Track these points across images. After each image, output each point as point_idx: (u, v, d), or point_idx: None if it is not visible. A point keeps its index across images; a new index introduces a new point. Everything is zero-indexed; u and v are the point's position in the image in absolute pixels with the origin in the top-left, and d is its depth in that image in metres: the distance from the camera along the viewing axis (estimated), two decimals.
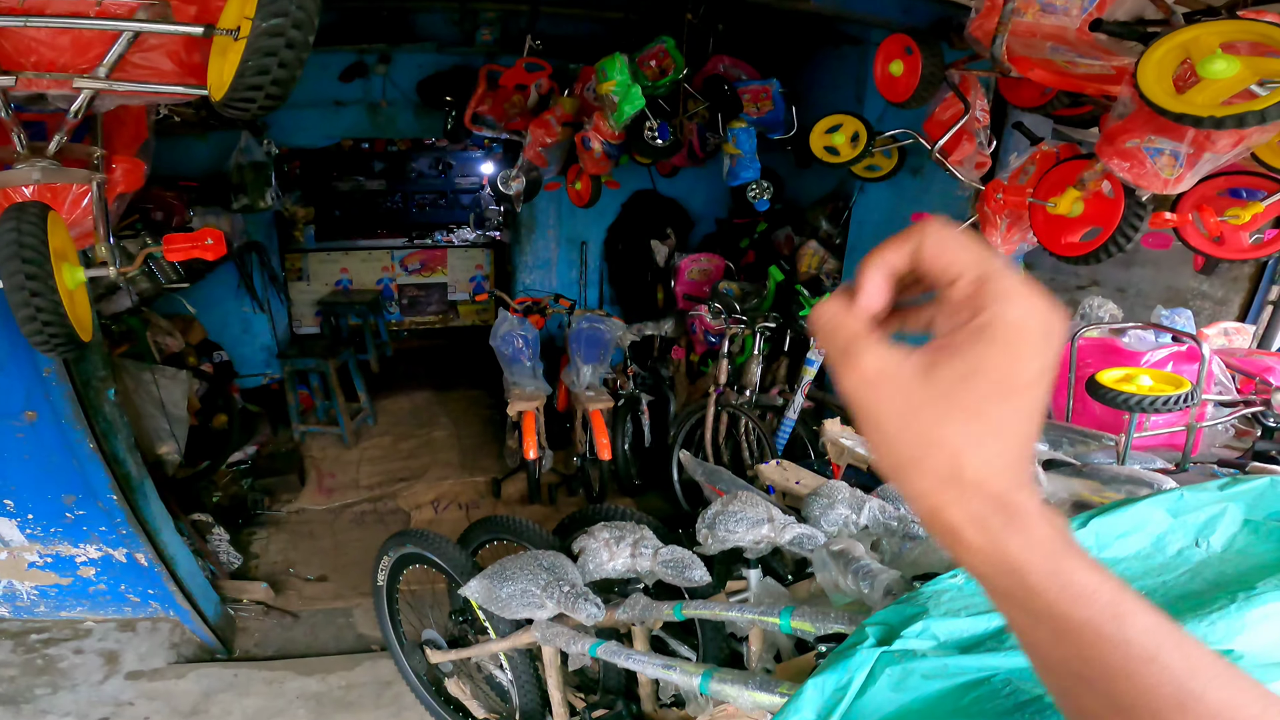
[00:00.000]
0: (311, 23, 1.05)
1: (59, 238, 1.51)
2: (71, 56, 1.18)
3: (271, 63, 1.04)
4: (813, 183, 4.60)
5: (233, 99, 1.10)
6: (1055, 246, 2.05)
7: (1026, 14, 1.83)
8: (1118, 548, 1.08)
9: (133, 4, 1.12)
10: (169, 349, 4.23)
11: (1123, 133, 1.67)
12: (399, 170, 7.37)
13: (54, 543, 2.73)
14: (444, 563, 2.10)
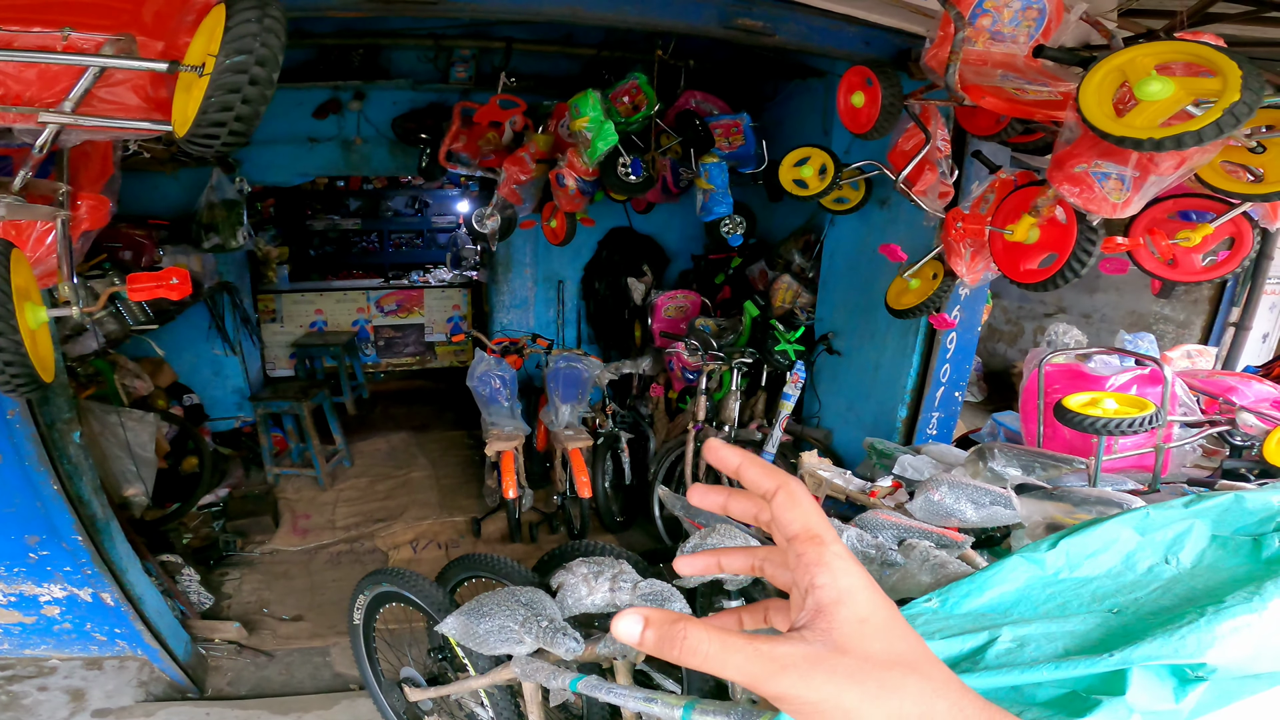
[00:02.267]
0: (276, 59, 1.06)
1: (22, 276, 1.48)
2: (38, 90, 1.17)
3: (235, 99, 1.05)
4: (785, 217, 4.69)
5: (196, 135, 1.10)
6: (1015, 274, 2.10)
7: (978, 42, 1.89)
8: (1088, 566, 1.08)
9: (99, 40, 1.13)
10: (137, 392, 4.15)
11: (1070, 158, 1.73)
12: (374, 209, 7.39)
13: (17, 582, 2.67)
14: (421, 600, 2.05)
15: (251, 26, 1.04)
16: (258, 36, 1.05)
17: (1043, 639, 0.84)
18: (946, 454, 2.64)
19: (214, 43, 1.06)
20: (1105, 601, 0.94)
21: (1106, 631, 0.83)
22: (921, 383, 3.51)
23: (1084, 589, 0.99)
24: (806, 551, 0.42)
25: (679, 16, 2.19)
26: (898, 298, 3.06)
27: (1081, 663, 0.71)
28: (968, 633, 0.92)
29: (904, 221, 3.42)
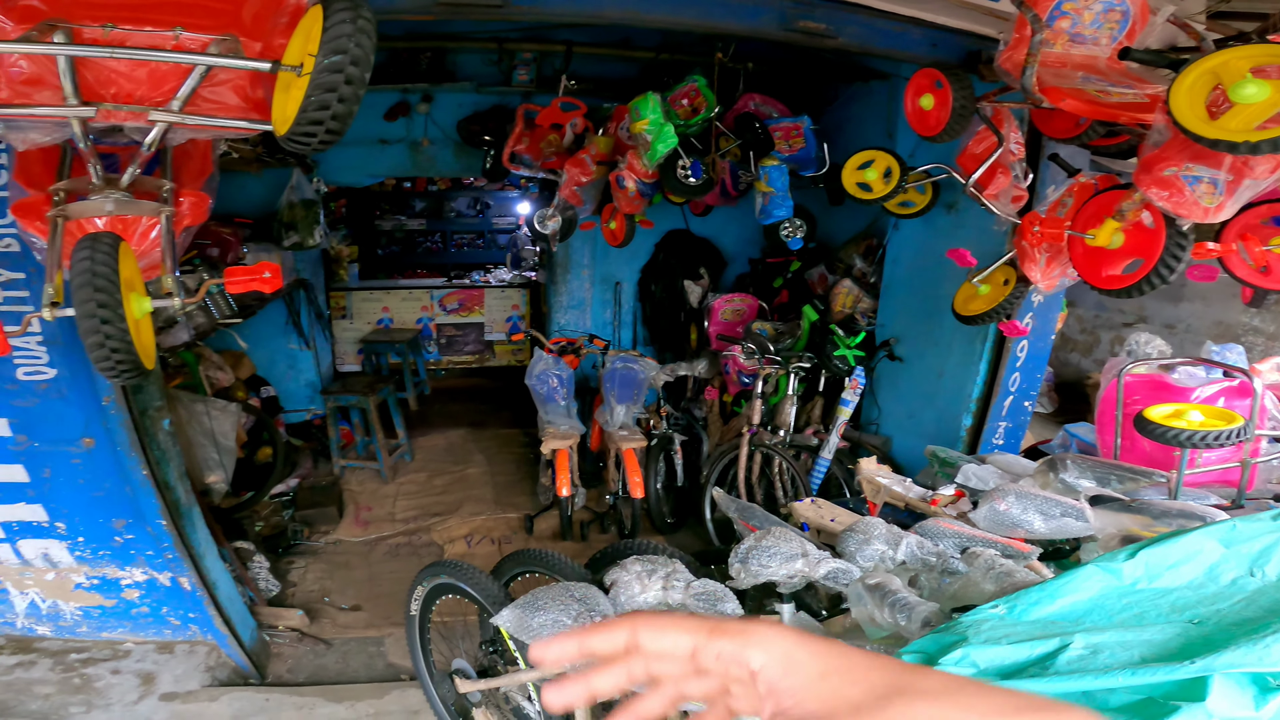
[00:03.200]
0: (368, 59, 1.12)
1: (129, 268, 1.59)
2: (148, 89, 1.26)
3: (332, 98, 1.11)
4: (846, 220, 4.62)
5: (296, 133, 1.17)
6: (1095, 279, 2.02)
7: (1056, 45, 1.83)
8: (1168, 578, 1.04)
9: (206, 39, 1.21)
10: (219, 383, 4.38)
11: (1160, 161, 1.65)
12: (438, 210, 7.62)
13: (101, 565, 2.80)
14: (477, 593, 2.10)
15: (347, 28, 1.11)
16: (352, 37, 1.11)
17: (1117, 647, 0.82)
18: (1013, 464, 2.55)
19: (311, 43, 1.12)
20: (1186, 612, 0.91)
21: (1186, 641, 0.80)
22: (988, 391, 3.40)
23: (1163, 600, 0.96)
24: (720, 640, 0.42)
25: (738, 19, 2.19)
26: (965, 304, 2.97)
27: (1160, 669, 0.69)
28: (1036, 639, 0.90)
29: (972, 226, 3.32)
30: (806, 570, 1.66)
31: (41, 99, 1.22)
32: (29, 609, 2.88)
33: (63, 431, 2.52)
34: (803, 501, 2.52)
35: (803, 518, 2.41)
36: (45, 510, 2.65)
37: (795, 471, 3.59)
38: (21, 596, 2.85)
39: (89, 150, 1.45)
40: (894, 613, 1.26)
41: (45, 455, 2.55)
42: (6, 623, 2.91)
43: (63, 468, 2.58)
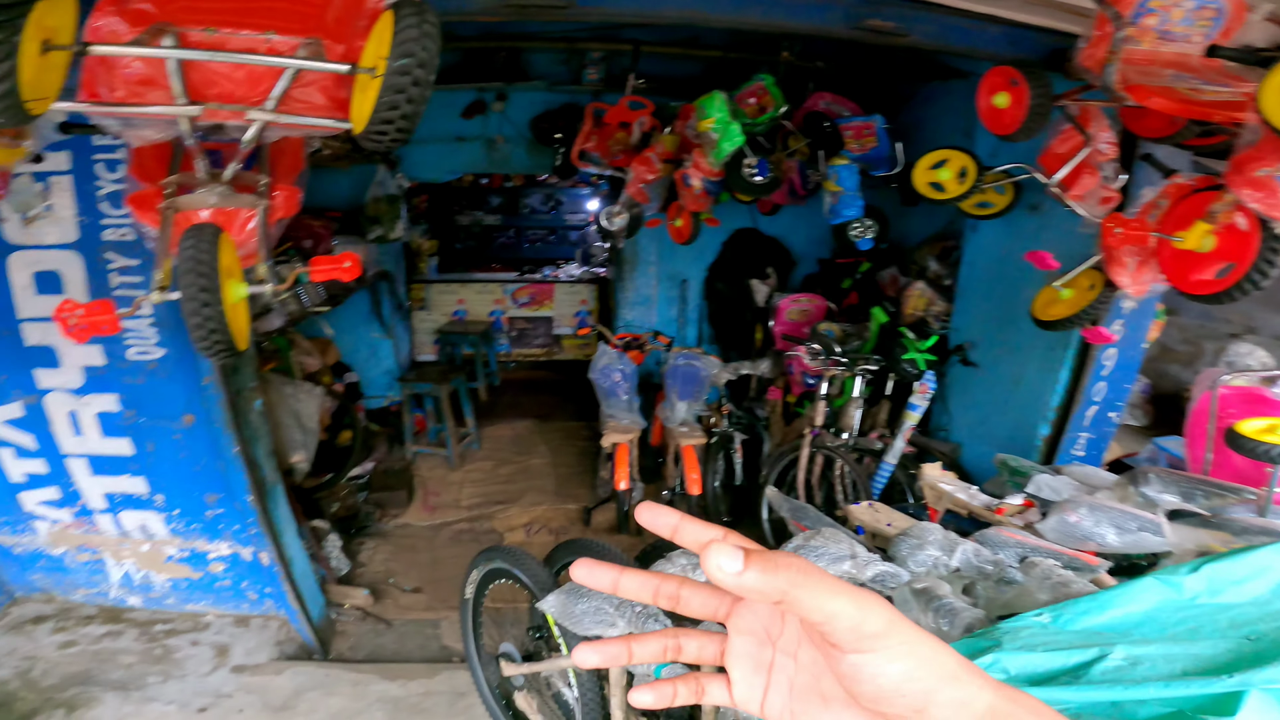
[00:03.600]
0: (433, 62, 1.19)
1: (228, 256, 1.73)
2: (246, 90, 1.38)
3: (401, 99, 1.19)
4: (921, 221, 4.48)
5: (370, 131, 1.26)
6: (1184, 284, 1.89)
7: (1143, 42, 1.74)
8: (1231, 593, 0.99)
9: (295, 42, 1.32)
10: (308, 368, 4.67)
11: (1252, 161, 1.54)
12: (513, 206, 7.82)
13: (192, 538, 2.99)
14: (528, 579, 2.17)
15: (413, 32, 1.18)
16: (418, 41, 1.18)
17: (1160, 659, 0.79)
18: (1091, 476, 2.43)
19: (383, 47, 1.21)
20: (1244, 628, 0.86)
21: (1236, 656, 0.76)
22: (1069, 400, 3.23)
23: (1222, 615, 0.91)
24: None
25: (803, 18, 2.16)
26: (1045, 308, 2.84)
27: (1195, 683, 0.66)
28: (1076, 648, 0.87)
29: (1057, 228, 3.16)
30: (854, 572, 1.64)
31: (153, 99, 1.36)
32: (123, 580, 3.10)
33: (166, 408, 2.73)
34: (859, 505, 2.47)
35: (858, 521, 2.37)
36: (147, 483, 2.87)
37: (857, 475, 3.51)
38: (118, 567, 3.07)
39: (195, 147, 1.59)
40: (937, 618, 1.24)
41: (150, 430, 2.78)
42: (100, 593, 3.13)
43: (165, 442, 2.80)
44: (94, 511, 2.93)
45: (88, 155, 2.38)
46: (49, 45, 1.08)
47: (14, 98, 1.02)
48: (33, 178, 2.35)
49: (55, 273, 2.53)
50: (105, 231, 2.48)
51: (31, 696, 2.57)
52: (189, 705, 2.62)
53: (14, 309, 2.56)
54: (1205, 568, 1.04)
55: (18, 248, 2.48)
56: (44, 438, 2.78)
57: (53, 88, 1.16)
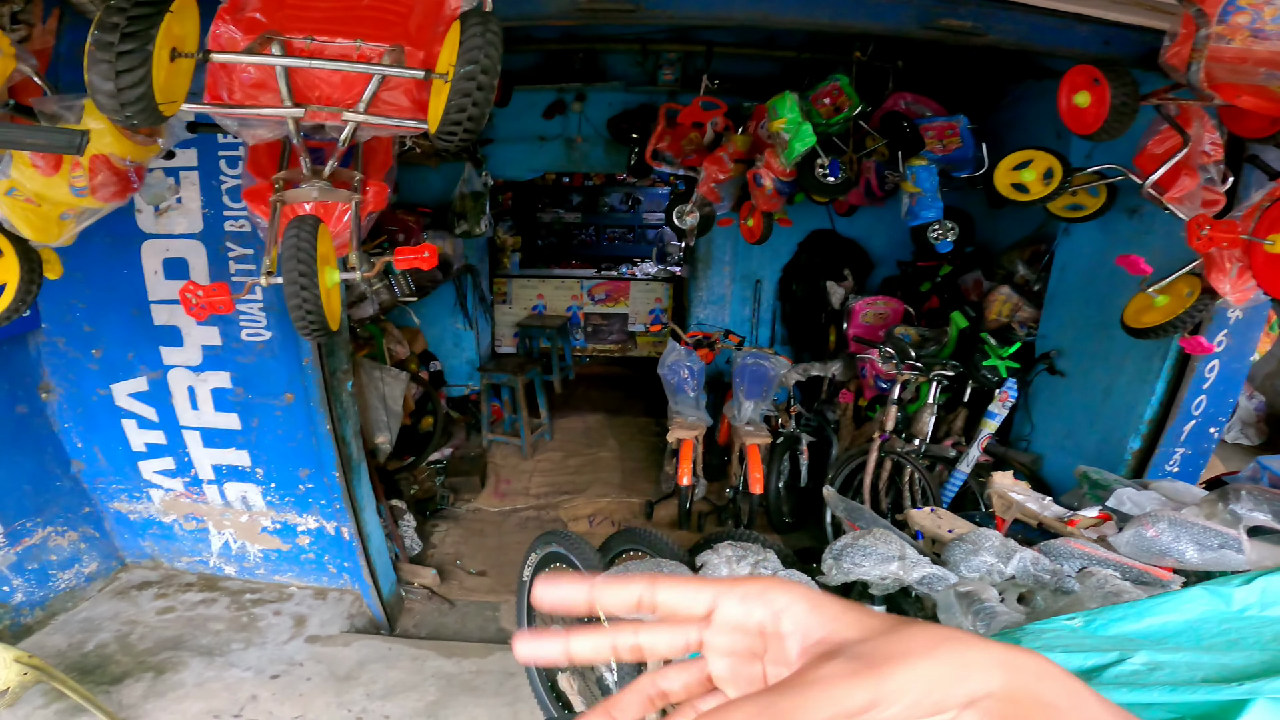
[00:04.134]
0: (496, 68, 1.29)
1: (325, 245, 1.91)
2: (341, 93, 1.53)
3: (467, 102, 1.29)
4: (1010, 224, 4.29)
5: (441, 132, 1.37)
6: (1276, 291, 1.76)
7: (1234, 40, 1.63)
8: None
9: (381, 49, 1.45)
10: (397, 355, 4.96)
11: None
12: (593, 204, 8.01)
13: (285, 511, 3.22)
14: (581, 564, 2.26)
15: (478, 40, 1.28)
16: (482, 49, 1.28)
17: (1183, 666, 0.77)
18: (1181, 492, 2.29)
19: (453, 53, 1.31)
20: None
21: (1266, 667, 0.74)
22: (1164, 414, 3.03)
23: (1268, 628, 0.88)
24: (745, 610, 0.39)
25: (874, 18, 2.13)
26: (1138, 315, 2.69)
27: (1201, 689, 0.65)
28: (1098, 651, 0.86)
29: (1158, 232, 2.98)
30: (901, 573, 1.63)
31: (265, 101, 1.52)
32: (222, 549, 3.37)
33: (271, 387, 2.98)
34: (921, 510, 2.42)
35: (918, 525, 2.32)
36: (250, 456, 3.13)
37: (927, 482, 3.42)
38: (218, 536, 3.34)
39: (300, 145, 1.77)
40: (976, 620, 1.23)
41: (255, 407, 3.03)
42: (201, 561, 3.41)
43: (268, 419, 3.04)
44: (203, 482, 3.22)
45: (213, 152, 2.64)
46: (177, 53, 1.25)
47: (149, 100, 1.18)
48: (164, 173, 2.64)
49: (183, 259, 2.82)
50: (227, 223, 2.74)
51: (126, 659, 2.80)
52: (264, 672, 2.79)
53: (145, 291, 2.88)
54: (1260, 580, 1.00)
55: (151, 236, 2.79)
56: (165, 411, 3.08)
57: (181, 91, 1.33)
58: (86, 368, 3.06)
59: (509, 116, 5.00)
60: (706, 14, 2.13)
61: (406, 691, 2.72)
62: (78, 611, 3.08)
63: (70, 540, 3.21)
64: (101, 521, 3.36)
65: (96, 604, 3.15)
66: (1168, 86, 2.02)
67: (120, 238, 2.80)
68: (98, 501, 3.33)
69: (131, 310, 2.93)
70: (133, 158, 1.83)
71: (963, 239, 4.04)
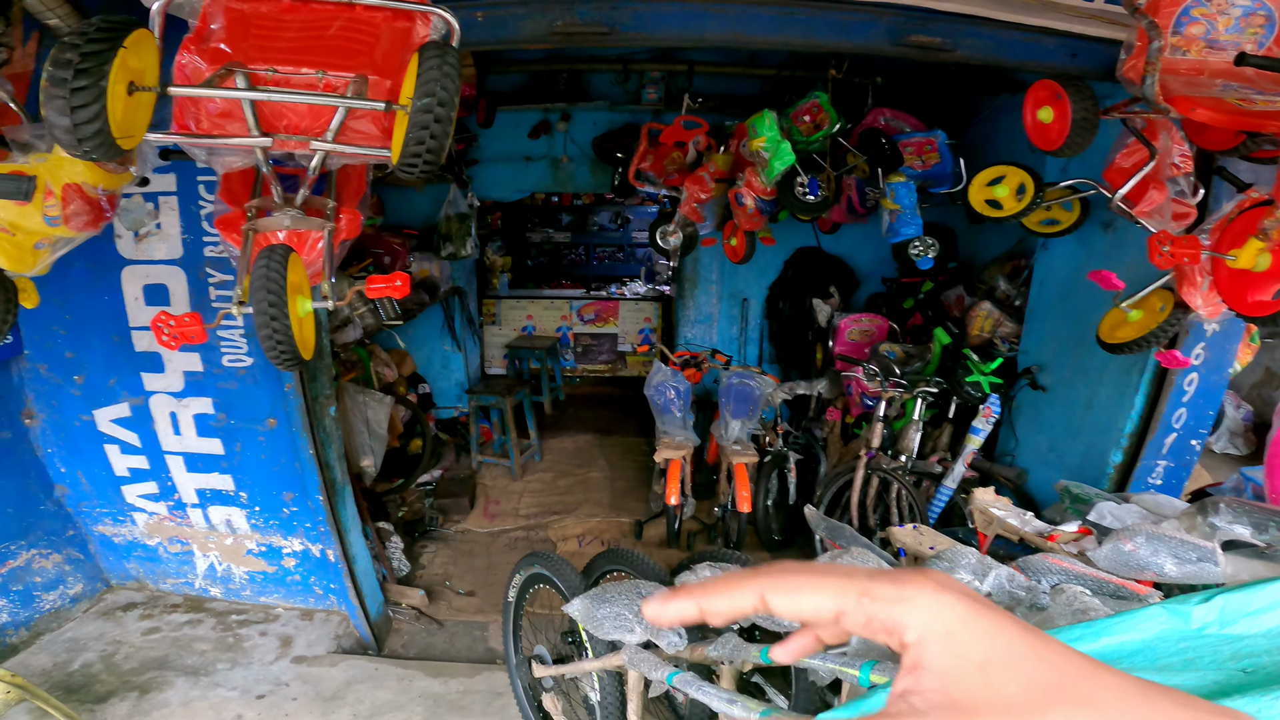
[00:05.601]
0: (453, 101, 1.30)
1: (296, 274, 1.91)
2: (309, 122, 1.54)
3: (425, 134, 1.30)
4: (991, 240, 4.33)
5: (402, 163, 1.38)
6: (1241, 306, 1.78)
7: (1190, 52, 1.66)
8: (1244, 625, 0.93)
9: (343, 81, 1.47)
10: (386, 378, 4.95)
11: None
12: (582, 224, 8.03)
13: (270, 534, 3.21)
14: (563, 585, 2.24)
15: (434, 73, 1.30)
16: (439, 81, 1.30)
17: None
18: (1162, 505, 2.29)
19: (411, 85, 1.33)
20: (1243, 660, 0.82)
21: (1219, 688, 0.73)
22: (1145, 427, 3.04)
23: (1226, 647, 0.87)
24: (871, 605, 0.35)
25: (845, 36, 2.17)
26: (1113, 330, 2.71)
27: None
28: None
29: (1132, 245, 3.01)
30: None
31: (232, 130, 1.53)
32: (207, 571, 3.37)
33: (253, 412, 2.98)
34: (903, 527, 2.41)
35: (900, 543, 2.31)
36: (233, 480, 3.12)
37: (914, 498, 3.41)
38: (203, 559, 3.34)
39: (270, 173, 1.77)
40: None
41: (238, 432, 3.03)
42: (186, 583, 3.40)
43: (251, 443, 3.04)
44: (187, 505, 3.21)
45: (192, 178, 2.64)
46: (135, 86, 1.26)
47: (106, 135, 1.19)
48: (144, 198, 2.65)
49: (163, 285, 2.82)
50: (206, 249, 2.74)
51: (111, 679, 2.79)
52: (250, 692, 2.78)
53: (126, 317, 2.87)
54: (1219, 598, 0.99)
55: (131, 262, 2.79)
56: (147, 436, 3.08)
57: (141, 124, 1.34)
58: (69, 393, 3.06)
59: (494, 137, 5.04)
60: (680, 35, 2.16)
61: (393, 711, 2.70)
62: (63, 632, 3.09)
63: (54, 562, 3.22)
64: (86, 544, 3.37)
65: (82, 624, 3.15)
66: (1128, 100, 2.05)
67: (100, 264, 2.80)
68: (82, 525, 3.34)
69: (112, 336, 2.93)
70: (105, 186, 1.84)
71: (945, 255, 4.07)
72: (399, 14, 1.64)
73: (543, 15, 2.19)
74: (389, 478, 4.50)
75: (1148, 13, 1.64)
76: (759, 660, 1.55)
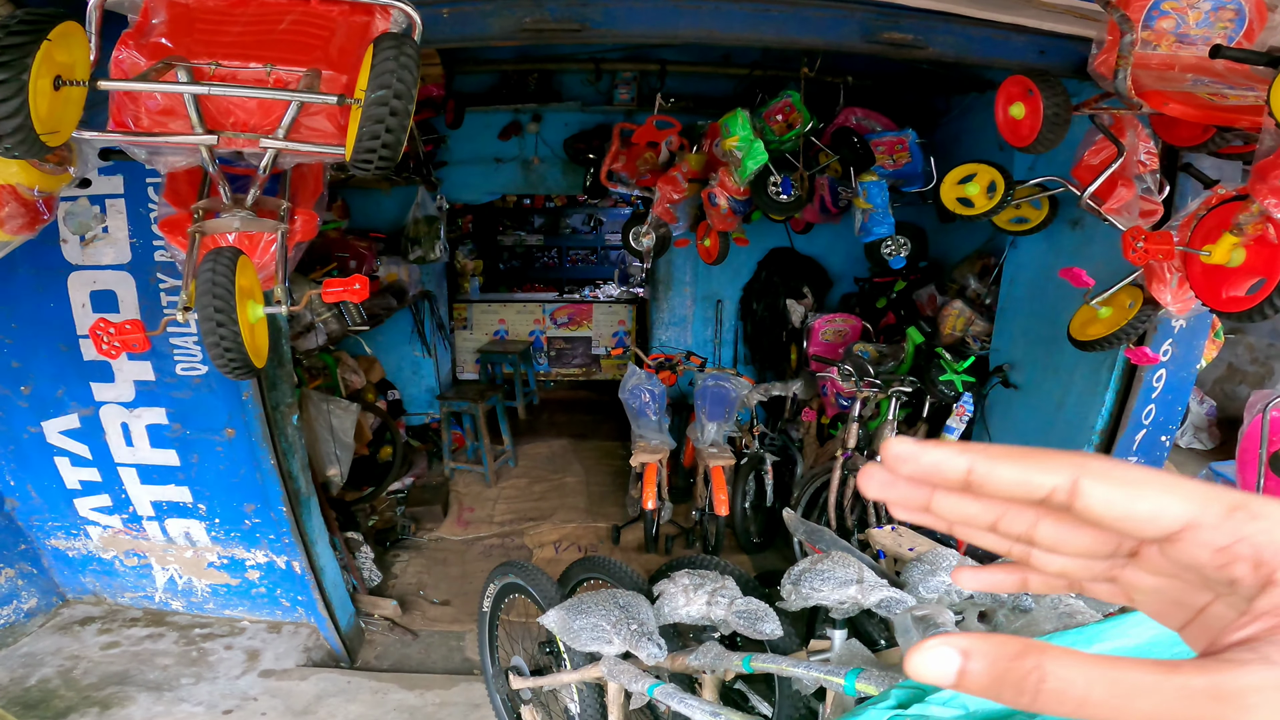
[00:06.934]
0: (410, 94, 1.24)
1: (247, 278, 1.81)
2: (258, 119, 1.45)
3: (380, 128, 1.23)
4: (961, 238, 4.35)
5: (355, 159, 1.31)
6: (1215, 301, 1.78)
7: (1160, 46, 1.66)
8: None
9: (298, 74, 1.39)
10: (353, 385, 4.82)
11: (1274, 168, 1.44)
12: (554, 226, 7.96)
13: (232, 546, 3.11)
14: (538, 595, 2.18)
15: (390, 64, 1.23)
16: (395, 73, 1.23)
17: None
18: None
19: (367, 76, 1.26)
20: None
21: None
22: (1115, 424, 3.06)
23: None
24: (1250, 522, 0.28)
25: (818, 33, 2.14)
26: (1083, 328, 2.72)
27: None
28: None
29: (1100, 243, 3.03)
30: (859, 597, 1.58)
31: (174, 128, 1.44)
32: (167, 584, 3.25)
33: (210, 422, 2.86)
34: (881, 529, 2.39)
35: (879, 545, 2.30)
36: (191, 492, 3.01)
37: None
38: (163, 572, 3.22)
39: (217, 173, 1.68)
40: None
41: (194, 442, 2.91)
42: (146, 596, 3.28)
43: (208, 454, 2.93)
44: (142, 518, 3.09)
45: (140, 180, 2.52)
46: (62, 81, 1.18)
47: (27, 131, 1.10)
48: (89, 201, 2.52)
49: (111, 291, 2.69)
50: (156, 253, 2.63)
51: (70, 694, 2.69)
52: (216, 707, 2.69)
53: (74, 325, 2.74)
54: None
55: (77, 267, 2.66)
56: (98, 448, 2.95)
57: (70, 120, 1.25)
58: (16, 404, 2.92)
59: (464, 138, 4.95)
60: (652, 32, 2.12)
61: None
62: (18, 647, 2.98)
63: (7, 577, 3.12)
64: (39, 558, 3.25)
65: (38, 639, 3.04)
66: (1098, 95, 2.06)
67: (45, 269, 2.67)
68: (34, 538, 3.22)
69: (60, 345, 2.79)
70: (41, 187, 1.73)
71: (916, 254, 4.08)
72: (356, 8, 1.56)
73: (511, 11, 2.13)
74: (359, 486, 4.39)
75: (1119, 6, 1.64)
76: (742, 669, 1.51)
